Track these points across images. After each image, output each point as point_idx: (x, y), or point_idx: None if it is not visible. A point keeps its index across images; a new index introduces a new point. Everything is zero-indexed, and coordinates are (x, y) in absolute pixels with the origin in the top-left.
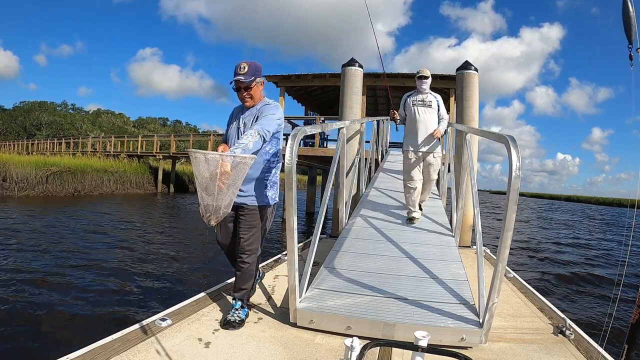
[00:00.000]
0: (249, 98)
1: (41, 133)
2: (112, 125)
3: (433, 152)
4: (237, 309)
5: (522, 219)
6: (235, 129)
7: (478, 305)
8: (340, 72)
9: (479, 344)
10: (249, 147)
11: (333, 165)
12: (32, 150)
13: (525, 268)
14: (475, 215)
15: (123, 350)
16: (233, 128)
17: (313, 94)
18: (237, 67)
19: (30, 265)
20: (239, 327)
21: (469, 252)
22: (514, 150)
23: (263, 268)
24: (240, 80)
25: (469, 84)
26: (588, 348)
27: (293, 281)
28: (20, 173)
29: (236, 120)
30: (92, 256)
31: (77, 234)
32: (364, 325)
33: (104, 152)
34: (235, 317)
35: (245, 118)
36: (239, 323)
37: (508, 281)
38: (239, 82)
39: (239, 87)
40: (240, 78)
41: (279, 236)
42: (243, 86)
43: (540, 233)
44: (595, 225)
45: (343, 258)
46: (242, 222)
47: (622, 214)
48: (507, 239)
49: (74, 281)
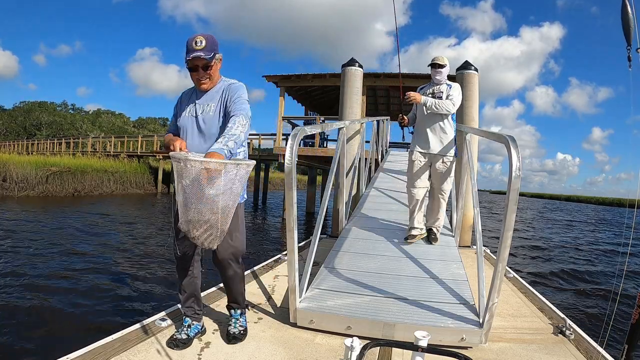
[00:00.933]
0: (207, 79)
1: (41, 133)
2: (112, 125)
3: (444, 155)
4: (238, 318)
5: (525, 219)
6: (190, 118)
7: (478, 305)
8: (340, 72)
9: (479, 344)
10: (240, 139)
11: (333, 165)
12: (32, 151)
13: (525, 268)
14: (475, 215)
15: (123, 350)
16: (186, 118)
17: (313, 94)
18: (191, 42)
19: (30, 265)
20: (244, 337)
21: (469, 252)
22: (514, 150)
23: (263, 268)
24: (200, 57)
25: (469, 84)
26: (588, 348)
27: (293, 281)
28: (20, 173)
29: (189, 106)
30: (92, 256)
31: (77, 234)
32: (364, 325)
33: (104, 152)
34: (238, 328)
35: (202, 104)
36: (243, 333)
37: (508, 281)
38: (198, 60)
39: (195, 65)
40: (199, 54)
41: (279, 236)
42: (202, 64)
43: (540, 233)
44: (596, 225)
45: (343, 258)
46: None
47: (623, 214)
48: (507, 238)
49: (74, 281)
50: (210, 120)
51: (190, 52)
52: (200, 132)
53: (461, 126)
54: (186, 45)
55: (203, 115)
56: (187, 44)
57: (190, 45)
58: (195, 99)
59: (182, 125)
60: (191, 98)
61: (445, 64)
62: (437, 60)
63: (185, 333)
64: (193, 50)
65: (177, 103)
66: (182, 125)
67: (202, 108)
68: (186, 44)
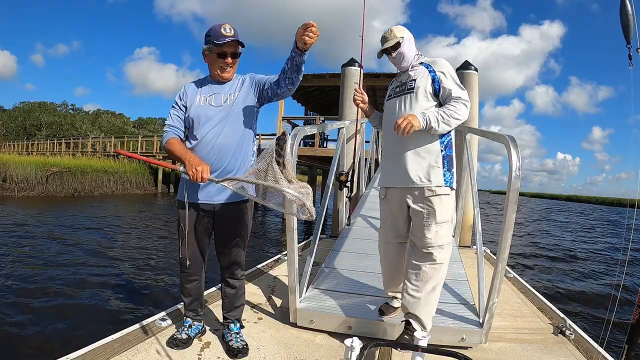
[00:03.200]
0: (231, 67)
1: (41, 133)
2: (112, 125)
3: (427, 187)
4: (238, 332)
5: (527, 220)
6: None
7: (478, 305)
8: (339, 72)
9: (479, 344)
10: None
11: (333, 165)
12: (32, 151)
13: (525, 268)
14: (475, 215)
15: (123, 350)
16: (203, 107)
17: (313, 94)
18: (219, 29)
19: (30, 265)
20: (248, 351)
21: (469, 252)
22: (513, 150)
23: (263, 268)
24: (237, 41)
25: (469, 84)
26: (588, 348)
27: (293, 281)
28: (20, 173)
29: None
30: (92, 256)
31: (77, 235)
32: (364, 325)
33: (104, 153)
34: (240, 342)
35: (231, 92)
36: (246, 347)
37: (508, 281)
38: (233, 45)
39: (225, 51)
40: (236, 38)
41: (279, 236)
42: (232, 51)
43: (540, 233)
44: (596, 225)
45: (343, 258)
46: (232, 224)
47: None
48: (507, 239)
49: (74, 281)
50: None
51: (222, 37)
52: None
53: (461, 126)
54: (212, 33)
55: (229, 105)
56: (215, 31)
57: (219, 32)
58: (213, 89)
59: (197, 115)
60: (204, 88)
61: (401, 38)
62: (387, 40)
63: (186, 333)
64: (225, 35)
65: (182, 95)
66: (197, 115)
67: (225, 97)
68: (212, 32)
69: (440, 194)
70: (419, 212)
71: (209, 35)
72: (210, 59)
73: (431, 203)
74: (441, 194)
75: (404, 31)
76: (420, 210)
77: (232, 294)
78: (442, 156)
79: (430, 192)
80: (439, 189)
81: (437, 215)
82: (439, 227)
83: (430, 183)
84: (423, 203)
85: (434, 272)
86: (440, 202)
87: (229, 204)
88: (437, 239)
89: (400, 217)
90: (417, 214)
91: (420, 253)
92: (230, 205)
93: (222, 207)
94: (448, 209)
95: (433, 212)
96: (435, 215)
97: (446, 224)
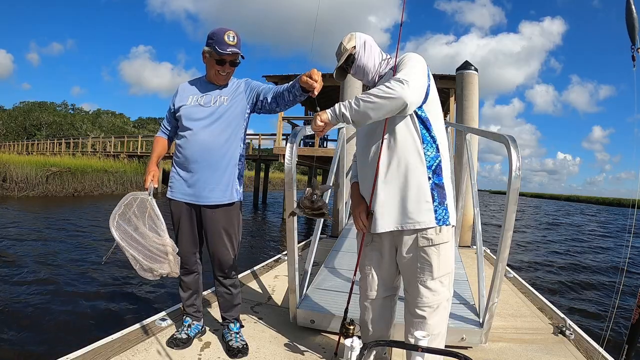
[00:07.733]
0: (228, 75)
1: (41, 133)
2: (112, 125)
3: (417, 230)
4: (238, 331)
5: (529, 222)
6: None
7: (478, 305)
8: None
9: (479, 344)
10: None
11: (333, 165)
12: (32, 151)
13: (524, 268)
14: (475, 215)
15: (123, 350)
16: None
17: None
18: (223, 35)
19: (30, 265)
20: (248, 351)
21: (469, 252)
22: (513, 150)
23: (263, 268)
24: (237, 54)
25: (468, 84)
26: (588, 348)
27: (293, 281)
28: (20, 173)
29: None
30: (92, 256)
31: (77, 235)
32: None
33: (104, 153)
34: (239, 342)
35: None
36: (246, 347)
37: (508, 281)
38: (233, 55)
39: (223, 60)
40: (237, 51)
41: (279, 236)
42: (232, 60)
43: (541, 234)
44: (597, 225)
45: (343, 258)
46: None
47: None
48: (507, 239)
49: (74, 281)
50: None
51: (226, 46)
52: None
53: (461, 126)
54: (216, 37)
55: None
56: (218, 37)
57: (223, 39)
58: (204, 90)
59: (186, 114)
60: (198, 88)
61: (352, 48)
62: (339, 56)
63: (186, 333)
64: (229, 45)
65: (174, 96)
66: (186, 114)
67: (218, 100)
68: (216, 36)
69: (437, 243)
70: (410, 259)
71: (212, 38)
72: (208, 61)
73: (426, 254)
74: (439, 243)
75: (355, 38)
76: (411, 262)
77: (226, 294)
78: (430, 186)
79: (425, 242)
80: (436, 237)
81: (438, 260)
82: (435, 280)
83: (419, 224)
84: (413, 250)
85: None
86: (437, 246)
87: (216, 205)
88: (432, 291)
89: (382, 260)
90: (406, 263)
91: (413, 311)
92: (217, 207)
93: (208, 208)
94: (446, 253)
95: (430, 259)
96: (435, 261)
97: (440, 272)
